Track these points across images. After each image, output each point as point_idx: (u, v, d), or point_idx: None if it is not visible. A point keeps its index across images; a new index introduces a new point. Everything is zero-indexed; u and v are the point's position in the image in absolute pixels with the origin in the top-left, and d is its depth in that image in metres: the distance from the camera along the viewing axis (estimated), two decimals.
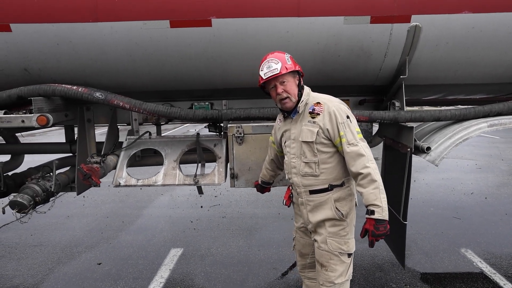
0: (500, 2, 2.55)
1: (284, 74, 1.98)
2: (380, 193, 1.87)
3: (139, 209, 5.27)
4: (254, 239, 4.12)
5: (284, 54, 2.06)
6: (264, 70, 2.01)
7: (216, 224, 4.59)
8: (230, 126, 2.76)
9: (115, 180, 2.88)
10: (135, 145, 3.09)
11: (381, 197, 1.87)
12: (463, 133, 2.70)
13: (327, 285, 2.04)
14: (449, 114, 2.85)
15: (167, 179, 2.89)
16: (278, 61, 1.99)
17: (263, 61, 2.06)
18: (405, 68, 2.80)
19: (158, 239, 4.15)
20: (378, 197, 1.86)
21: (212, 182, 2.91)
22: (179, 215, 4.96)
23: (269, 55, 2.07)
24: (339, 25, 2.59)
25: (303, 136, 2.00)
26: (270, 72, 1.98)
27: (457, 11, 2.56)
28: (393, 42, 2.69)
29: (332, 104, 1.97)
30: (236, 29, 2.57)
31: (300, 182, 2.06)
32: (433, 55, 2.78)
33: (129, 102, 2.74)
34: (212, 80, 2.97)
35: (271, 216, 4.90)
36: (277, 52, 2.08)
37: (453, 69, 2.94)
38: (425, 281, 3.21)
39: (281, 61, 2.00)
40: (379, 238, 1.88)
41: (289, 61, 2.02)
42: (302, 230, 2.26)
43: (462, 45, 2.73)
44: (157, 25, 2.52)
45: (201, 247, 3.92)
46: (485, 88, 3.46)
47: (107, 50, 2.63)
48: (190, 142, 3.14)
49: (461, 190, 6.05)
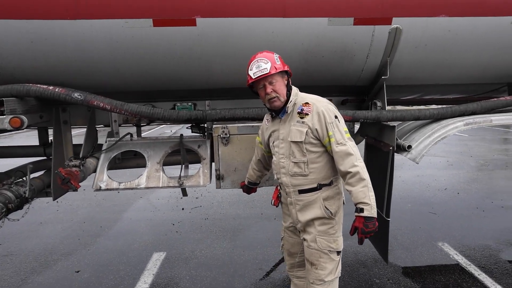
0: (474, 7, 2.67)
1: (273, 74, 1.98)
2: (368, 191, 1.90)
3: (118, 213, 5.12)
4: (238, 240, 4.10)
5: (273, 54, 2.05)
6: (254, 70, 2.00)
7: (199, 226, 4.53)
8: (216, 126, 2.73)
9: (96, 183, 2.78)
10: (116, 147, 3.00)
11: (369, 195, 1.90)
12: (442, 132, 2.80)
13: (317, 283, 2.05)
14: (428, 113, 2.95)
15: (150, 181, 2.82)
16: (268, 61, 1.99)
17: (252, 61, 2.04)
18: (386, 69, 2.87)
19: (140, 244, 4.04)
20: (367, 195, 1.89)
21: (197, 183, 2.87)
22: (160, 218, 4.86)
23: (258, 55, 2.06)
24: (323, 26, 2.61)
25: (292, 136, 2.00)
26: (260, 72, 1.97)
27: (435, 15, 2.65)
28: (375, 44, 2.75)
29: (320, 104, 1.99)
30: (221, 29, 2.54)
31: (289, 182, 2.07)
32: (412, 56, 2.86)
33: (110, 103, 2.65)
34: (196, 80, 2.93)
35: (254, 216, 4.89)
36: (266, 52, 2.08)
37: (430, 70, 3.04)
38: (406, 275, 3.31)
39: (270, 61, 1.99)
40: (368, 235, 1.91)
41: (278, 61, 2.02)
42: (291, 230, 2.26)
43: (439, 47, 2.83)
44: (139, 23, 2.45)
45: (184, 250, 3.86)
46: (459, 89, 3.62)
47: (86, 49, 2.53)
48: (173, 144, 3.08)
49: (435, 186, 6.29)
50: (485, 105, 3.00)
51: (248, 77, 2.08)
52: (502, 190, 6.14)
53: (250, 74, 2.02)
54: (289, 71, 2.07)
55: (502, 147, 10.49)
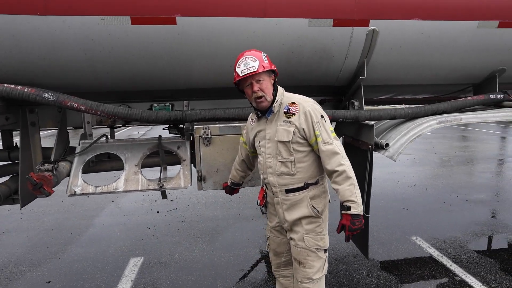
0: (445, 11, 2.79)
1: (261, 73, 1.97)
2: (355, 189, 1.94)
3: (89, 218, 4.90)
4: (218, 242, 4.05)
5: (261, 53, 2.05)
6: (241, 67, 1.98)
7: (176, 229, 4.43)
8: (197, 127, 2.68)
9: (69, 188, 2.64)
10: (91, 150, 2.86)
11: (356, 193, 1.94)
12: (417, 130, 2.92)
13: (305, 282, 2.07)
14: (404, 112, 3.06)
15: (129, 185, 2.72)
16: (256, 59, 1.98)
17: (240, 58, 2.03)
18: (364, 70, 2.94)
19: (115, 249, 3.89)
20: (353, 193, 1.93)
21: (178, 185, 2.80)
22: (134, 222, 4.70)
23: (246, 53, 2.04)
24: (304, 27, 2.64)
25: (279, 136, 2.00)
26: (247, 70, 1.96)
27: (409, 18, 2.75)
28: (353, 45, 2.81)
29: (307, 104, 2.00)
30: (202, 28, 2.50)
31: (276, 182, 2.07)
32: (387, 57, 2.95)
33: (85, 103, 2.53)
34: (175, 80, 2.86)
35: (232, 217, 4.86)
36: (254, 50, 2.06)
37: (404, 71, 3.16)
38: (384, 269, 3.41)
39: (258, 59, 1.99)
40: (355, 233, 1.95)
41: (265, 60, 2.01)
42: (277, 229, 2.26)
43: (413, 49, 2.94)
44: (116, 21, 2.36)
45: (162, 254, 3.75)
46: (429, 89, 3.78)
47: (58, 47, 2.40)
48: (151, 145, 2.99)
49: (405, 182, 6.55)
50: (455, 104, 3.17)
51: (235, 74, 2.06)
52: (465, 184, 6.50)
53: (238, 71, 2.00)
54: (276, 71, 2.07)
55: (461, 144, 11.11)
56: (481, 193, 5.94)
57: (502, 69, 3.31)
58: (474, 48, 3.04)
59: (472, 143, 11.28)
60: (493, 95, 3.25)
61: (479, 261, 3.54)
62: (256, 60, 1.97)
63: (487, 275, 3.27)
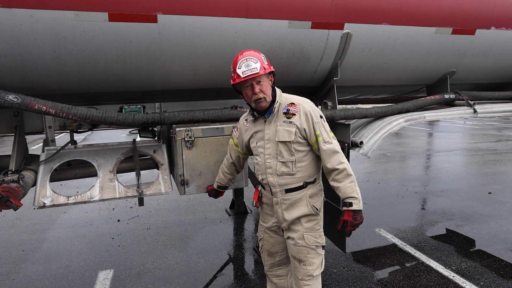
0: (409, 16, 3.01)
1: (261, 74, 1.96)
2: (355, 186, 2.01)
3: (40, 232, 4.46)
4: (190, 248, 3.93)
5: (260, 54, 2.04)
6: (243, 69, 1.96)
7: (143, 237, 4.21)
8: (179, 130, 2.58)
9: (37, 200, 2.38)
10: (58, 157, 2.62)
11: (357, 190, 2.01)
12: (388, 128, 3.12)
13: (306, 279, 2.09)
14: (374, 111, 3.24)
15: (105, 193, 2.54)
16: (257, 60, 1.97)
17: (240, 59, 2.00)
18: (337, 71, 3.06)
19: (79, 264, 3.58)
20: (354, 190, 2.00)
21: (159, 191, 2.67)
22: (94, 233, 4.38)
23: (245, 53, 2.02)
24: (284, 29, 2.67)
25: (279, 136, 2.01)
26: (249, 71, 1.94)
27: (379, 22, 2.92)
28: (328, 47, 2.91)
29: (307, 105, 2.04)
30: (183, 27, 2.42)
31: (276, 182, 2.07)
32: (358, 59, 3.11)
33: (55, 106, 2.31)
34: (151, 81, 2.73)
35: (199, 221, 4.75)
36: (253, 51, 2.05)
37: (372, 72, 3.35)
38: (357, 261, 3.58)
39: (259, 60, 1.98)
40: (356, 228, 2.02)
41: (265, 61, 2.01)
42: (273, 230, 2.25)
43: (381, 52, 3.12)
44: (93, 17, 2.19)
45: (133, 264, 3.54)
46: (389, 89, 4.04)
47: (23, 44, 2.16)
48: (125, 150, 2.82)
49: (359, 178, 6.93)
50: (417, 103, 3.43)
51: (234, 75, 2.03)
52: (411, 178, 7.06)
53: (238, 72, 1.98)
54: (274, 72, 2.08)
55: (400, 140, 12.05)
56: (426, 185, 6.49)
57: (452, 71, 3.65)
58: (431, 51, 3.31)
59: (408, 139, 12.31)
60: (447, 95, 3.58)
61: (438, 247, 3.87)
62: (257, 62, 1.97)
63: (447, 259, 3.59)
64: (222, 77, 2.90)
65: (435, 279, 3.22)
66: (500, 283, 3.15)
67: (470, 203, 5.38)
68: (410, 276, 3.28)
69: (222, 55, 2.66)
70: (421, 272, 3.35)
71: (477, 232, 4.26)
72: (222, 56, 2.67)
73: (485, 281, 3.19)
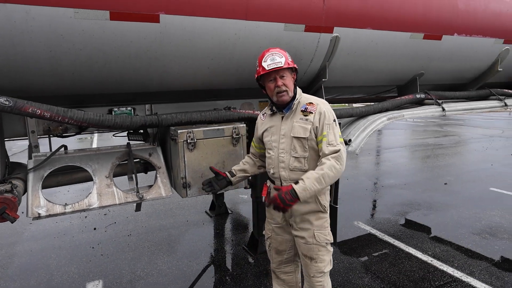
0: (390, 22, 3.22)
1: (285, 69, 2.08)
2: (316, 180, 1.92)
3: (7, 247, 4.09)
4: (179, 252, 3.85)
5: (285, 52, 2.14)
6: (268, 62, 2.07)
7: (126, 245, 4.04)
8: (181, 132, 2.53)
9: (31, 211, 2.22)
10: (48, 164, 2.46)
11: (314, 183, 1.91)
12: (373, 126, 3.31)
13: (317, 276, 2.17)
14: (358, 111, 3.43)
15: (104, 199, 2.43)
16: (282, 56, 2.08)
17: (266, 54, 2.11)
18: (325, 72, 3.20)
19: (61, 277, 3.35)
20: (311, 179, 1.92)
21: (159, 195, 2.62)
22: (71, 243, 4.12)
23: (271, 49, 2.13)
24: (280, 31, 2.74)
25: (295, 132, 2.07)
26: (274, 64, 2.05)
27: (364, 27, 3.10)
28: (319, 49, 3.03)
29: (324, 106, 2.11)
30: (185, 27, 2.39)
31: (287, 176, 2.12)
32: (344, 62, 3.27)
33: (50, 109, 2.17)
34: (147, 82, 2.66)
35: (181, 224, 4.66)
36: (279, 48, 2.16)
37: (355, 74, 3.54)
38: (344, 253, 3.75)
39: (284, 56, 2.09)
40: (281, 206, 1.90)
41: (290, 58, 2.13)
42: (280, 227, 2.30)
43: (364, 54, 3.31)
44: (93, 15, 2.09)
45: (122, 273, 3.40)
46: (366, 90, 4.29)
47: (17, 42, 2.01)
48: (120, 154, 2.71)
49: None
50: (394, 103, 3.68)
51: (260, 68, 2.13)
52: (375, 173, 7.50)
53: (264, 65, 2.08)
54: (297, 69, 2.17)
55: None
56: (389, 179, 6.93)
57: (421, 73, 3.96)
58: (406, 55, 3.58)
59: None
60: (418, 95, 3.88)
61: (413, 235, 4.18)
62: (282, 57, 2.08)
63: (423, 245, 3.89)
64: (219, 79, 2.90)
65: (416, 265, 3.49)
66: (470, 263, 3.49)
67: (431, 193, 5.85)
68: (394, 264, 3.51)
69: (221, 56, 2.67)
70: (403, 259, 3.60)
71: (442, 220, 4.66)
72: (221, 57, 2.68)
73: (458, 262, 3.52)
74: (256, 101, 3.45)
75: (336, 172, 1.99)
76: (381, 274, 3.33)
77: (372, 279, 3.26)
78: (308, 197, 1.97)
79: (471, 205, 5.19)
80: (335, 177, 1.99)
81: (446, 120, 17.41)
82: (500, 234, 4.18)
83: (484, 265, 3.45)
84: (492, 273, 3.31)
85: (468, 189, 6.08)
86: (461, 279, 3.23)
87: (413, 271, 3.37)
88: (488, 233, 4.19)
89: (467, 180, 6.67)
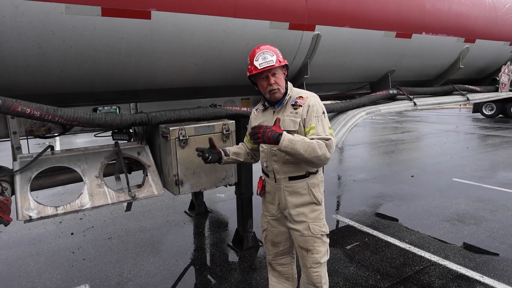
0: (365, 21, 3.40)
1: (277, 67, 2.10)
2: (304, 143, 1.96)
3: None
4: (164, 252, 3.80)
5: (275, 48, 2.16)
6: (260, 61, 2.08)
7: (108, 248, 3.93)
8: (173, 129, 2.53)
9: (22, 213, 2.14)
10: (36, 165, 2.37)
11: (301, 143, 1.96)
12: (353, 120, 3.47)
13: (314, 267, 2.24)
14: (338, 106, 3.58)
15: (96, 199, 2.38)
16: (273, 54, 2.10)
17: (257, 52, 2.11)
18: (307, 69, 3.32)
19: (44, 284, 3.18)
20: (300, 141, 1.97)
21: (152, 194, 2.60)
22: (49, 249, 3.93)
23: (262, 47, 2.14)
24: (266, 29, 2.83)
25: (285, 126, 2.13)
26: (266, 63, 2.06)
27: (343, 25, 3.25)
28: (301, 47, 3.15)
29: (313, 99, 2.19)
30: (176, 24, 2.41)
31: (280, 169, 2.19)
32: (324, 59, 3.41)
33: (40, 108, 2.11)
34: (135, 80, 2.64)
35: (161, 225, 4.60)
36: (269, 45, 2.17)
37: (333, 71, 3.69)
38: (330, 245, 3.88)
39: (275, 54, 2.11)
40: (259, 136, 2.01)
41: (280, 55, 2.14)
42: (276, 219, 2.36)
43: (342, 52, 3.47)
44: (85, 10, 2.06)
45: (109, 276, 3.30)
46: (341, 87, 4.47)
47: (5, 38, 1.95)
48: (108, 153, 2.67)
49: None
50: (370, 98, 3.88)
51: (251, 67, 2.14)
52: (345, 168, 7.78)
53: (256, 64, 2.09)
54: (288, 66, 2.20)
55: None
56: (359, 173, 7.22)
57: (392, 70, 4.21)
58: (380, 52, 3.79)
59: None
60: (391, 91, 4.12)
61: (389, 225, 4.41)
62: (274, 55, 2.10)
63: (399, 234, 4.12)
64: (206, 76, 2.93)
65: (396, 252, 3.69)
66: (444, 248, 3.75)
67: (400, 186, 6.18)
68: (376, 252, 3.70)
69: (209, 53, 2.71)
70: (383, 248, 3.79)
71: (414, 210, 4.95)
72: (209, 55, 2.72)
73: (433, 247, 3.77)
74: (238, 98, 3.51)
75: (322, 152, 1.98)
76: (365, 263, 3.49)
77: (357, 267, 3.41)
78: (287, 150, 1.97)
79: (438, 195, 5.54)
80: (319, 157, 1.99)
81: (404, 117, 18.28)
82: (467, 220, 4.51)
83: (457, 249, 3.72)
84: (465, 256, 3.58)
85: (433, 180, 6.47)
86: (438, 262, 3.46)
87: (394, 258, 3.57)
88: (457, 220, 4.51)
89: (431, 172, 7.10)
